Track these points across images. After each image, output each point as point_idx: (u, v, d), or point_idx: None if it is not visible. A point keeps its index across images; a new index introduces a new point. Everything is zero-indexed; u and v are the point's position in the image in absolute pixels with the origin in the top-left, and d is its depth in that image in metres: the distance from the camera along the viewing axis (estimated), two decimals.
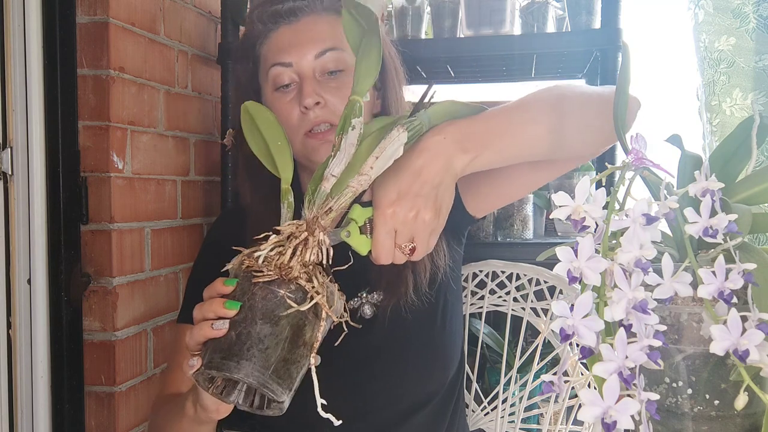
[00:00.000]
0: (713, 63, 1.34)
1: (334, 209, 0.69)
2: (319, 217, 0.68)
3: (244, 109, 0.78)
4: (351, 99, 0.73)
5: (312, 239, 0.67)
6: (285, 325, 0.64)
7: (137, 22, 1.34)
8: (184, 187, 1.52)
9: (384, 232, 0.70)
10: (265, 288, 0.65)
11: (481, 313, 1.29)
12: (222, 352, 0.64)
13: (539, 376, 1.15)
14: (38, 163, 1.21)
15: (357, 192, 0.70)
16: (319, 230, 0.68)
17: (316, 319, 0.66)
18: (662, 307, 0.50)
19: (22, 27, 1.19)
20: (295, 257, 0.66)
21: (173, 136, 1.47)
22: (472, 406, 1.27)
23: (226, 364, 0.62)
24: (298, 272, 0.65)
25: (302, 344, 0.65)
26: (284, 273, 0.65)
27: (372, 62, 0.74)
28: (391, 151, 0.70)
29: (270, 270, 0.65)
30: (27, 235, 1.21)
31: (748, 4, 1.31)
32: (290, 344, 0.64)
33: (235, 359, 0.62)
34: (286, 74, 0.95)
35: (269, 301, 0.65)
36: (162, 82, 1.43)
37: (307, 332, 0.66)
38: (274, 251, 0.67)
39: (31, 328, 1.21)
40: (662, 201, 0.49)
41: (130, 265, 1.33)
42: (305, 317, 0.65)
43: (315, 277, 0.67)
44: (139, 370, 1.36)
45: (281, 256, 0.66)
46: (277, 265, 0.66)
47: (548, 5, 1.51)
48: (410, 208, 0.70)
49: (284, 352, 0.63)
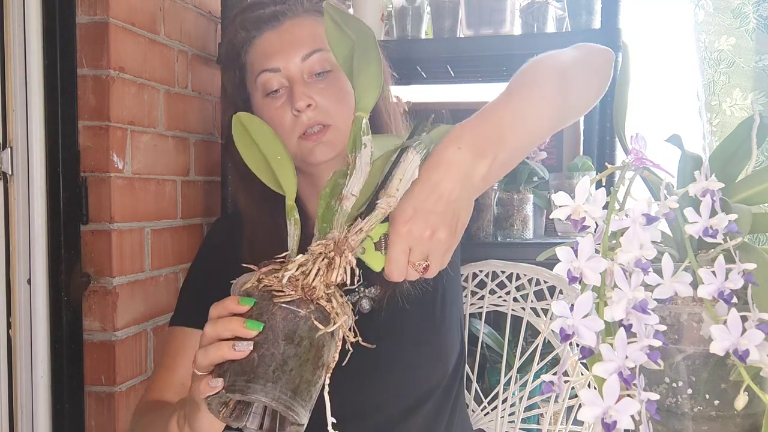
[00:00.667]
0: (713, 63, 1.34)
1: (364, 230, 0.68)
2: (349, 237, 0.67)
3: (236, 120, 0.76)
4: (356, 116, 0.71)
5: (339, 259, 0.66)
6: (308, 347, 0.63)
7: (137, 22, 1.34)
8: (184, 187, 1.52)
9: (398, 249, 0.68)
10: (286, 308, 0.63)
11: (481, 313, 1.29)
12: (246, 374, 0.61)
13: (539, 376, 1.15)
14: (38, 163, 1.21)
15: (386, 213, 0.68)
16: (348, 251, 0.66)
17: (332, 339, 0.66)
18: (662, 307, 0.50)
19: (22, 27, 1.19)
20: (318, 277, 0.65)
21: (173, 136, 1.47)
22: (472, 406, 1.27)
23: (252, 387, 0.60)
24: (321, 292, 0.64)
25: (322, 365, 0.64)
26: (308, 293, 0.64)
27: (373, 75, 0.72)
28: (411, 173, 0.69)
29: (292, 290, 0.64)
30: (27, 235, 1.21)
31: (748, 4, 1.31)
32: (312, 365, 0.63)
33: (261, 382, 0.60)
34: (275, 80, 0.95)
35: (290, 322, 0.63)
36: (162, 82, 1.43)
37: (326, 353, 0.65)
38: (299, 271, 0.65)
39: (31, 328, 1.21)
40: (662, 201, 0.49)
41: (130, 265, 1.33)
42: (325, 338, 0.64)
43: (335, 297, 0.66)
44: (139, 370, 1.36)
45: (306, 276, 0.65)
46: (303, 285, 0.64)
47: (548, 5, 1.51)
48: (426, 226, 0.68)
49: (307, 374, 0.62)
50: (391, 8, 1.61)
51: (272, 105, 0.96)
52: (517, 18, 1.53)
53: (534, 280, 1.24)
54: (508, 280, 1.27)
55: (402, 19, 1.60)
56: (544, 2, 1.50)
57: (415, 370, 0.98)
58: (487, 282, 1.28)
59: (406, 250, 0.68)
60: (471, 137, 0.70)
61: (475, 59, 1.64)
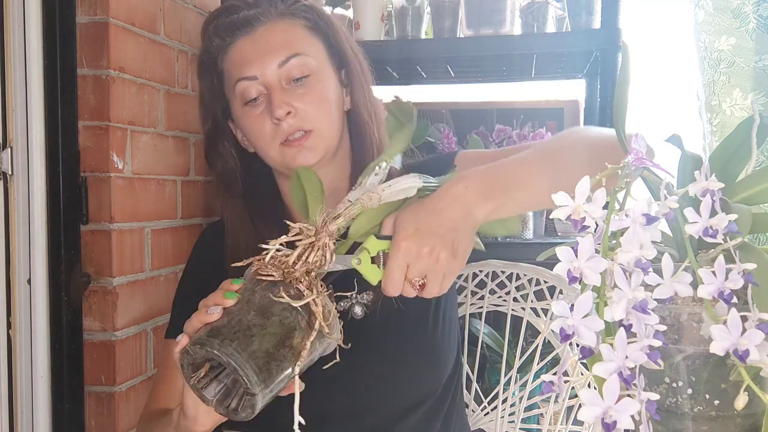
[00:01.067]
0: (713, 63, 1.34)
1: (342, 216, 0.72)
2: (328, 221, 0.71)
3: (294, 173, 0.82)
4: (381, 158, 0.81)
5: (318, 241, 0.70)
6: (276, 322, 0.67)
7: (137, 22, 1.34)
8: (184, 187, 1.52)
9: (396, 264, 0.71)
10: (267, 287, 0.68)
11: (481, 313, 1.29)
12: (210, 332, 0.67)
13: (539, 376, 1.15)
14: (38, 163, 1.21)
15: (365, 206, 0.73)
16: (325, 234, 0.70)
17: (308, 328, 0.68)
18: (662, 307, 0.50)
19: (22, 27, 1.19)
20: (300, 261, 0.69)
21: (173, 136, 1.47)
22: (472, 406, 1.27)
23: (210, 341, 0.65)
24: (300, 274, 0.68)
25: (288, 346, 0.67)
26: (287, 273, 0.68)
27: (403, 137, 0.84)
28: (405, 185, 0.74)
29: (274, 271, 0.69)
30: (27, 235, 1.21)
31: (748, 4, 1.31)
32: (276, 340, 0.67)
33: (220, 338, 0.66)
34: (253, 87, 0.94)
35: (266, 299, 0.68)
36: (162, 82, 1.43)
37: (296, 337, 0.68)
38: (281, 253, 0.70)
39: (31, 328, 1.21)
40: (662, 201, 0.49)
41: (130, 265, 1.33)
42: (297, 322, 0.68)
43: (315, 287, 0.69)
44: (139, 370, 1.36)
45: (287, 257, 0.69)
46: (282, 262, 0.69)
47: (548, 5, 1.51)
48: (425, 244, 0.70)
49: (268, 345, 0.66)
50: (391, 8, 1.61)
51: (252, 113, 0.95)
52: (517, 18, 1.54)
53: (534, 280, 1.24)
54: (508, 280, 1.27)
55: (402, 19, 1.60)
56: (544, 2, 1.50)
57: (407, 376, 0.98)
58: (487, 282, 1.28)
59: (404, 265, 0.71)
60: (480, 181, 0.74)
61: (475, 59, 1.64)
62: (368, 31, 1.56)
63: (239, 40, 0.95)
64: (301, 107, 0.93)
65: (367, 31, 1.56)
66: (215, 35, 0.97)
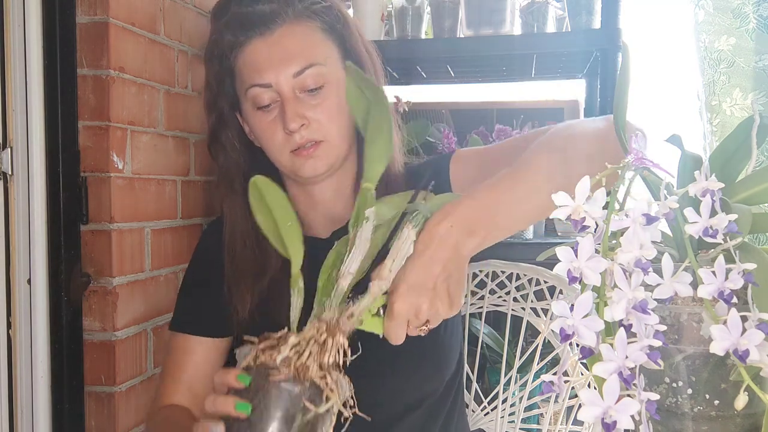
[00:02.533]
0: (713, 63, 1.34)
1: (356, 314, 0.69)
2: (341, 321, 0.68)
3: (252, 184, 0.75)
4: (363, 187, 0.73)
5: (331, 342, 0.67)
6: (300, 425, 0.64)
7: (137, 22, 1.34)
8: (184, 187, 1.52)
9: (395, 324, 0.70)
10: (280, 387, 0.65)
11: (481, 313, 1.29)
12: None
13: (539, 376, 1.15)
14: (38, 163, 1.21)
15: (377, 296, 0.70)
16: (340, 334, 0.67)
17: (327, 414, 0.67)
18: (662, 307, 0.50)
19: (22, 27, 1.19)
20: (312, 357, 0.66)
21: (173, 136, 1.47)
22: (472, 406, 1.27)
23: None
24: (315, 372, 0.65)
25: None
26: (301, 372, 0.65)
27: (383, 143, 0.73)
28: (405, 251, 0.71)
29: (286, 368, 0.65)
30: (27, 235, 1.21)
31: (748, 4, 1.31)
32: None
33: None
34: (266, 95, 0.92)
35: (284, 401, 0.64)
36: (162, 82, 1.43)
37: (319, 428, 0.66)
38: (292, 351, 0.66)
39: (31, 328, 1.21)
40: (662, 201, 0.49)
41: (130, 265, 1.33)
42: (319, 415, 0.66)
43: (329, 374, 0.66)
44: (139, 370, 1.36)
45: (300, 356, 0.66)
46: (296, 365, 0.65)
47: (548, 5, 1.51)
48: (422, 302, 0.69)
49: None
50: (391, 8, 1.61)
51: (264, 119, 0.93)
52: (517, 18, 1.54)
53: (534, 280, 1.24)
54: (508, 280, 1.27)
55: (402, 19, 1.60)
56: (544, 2, 1.50)
57: (411, 375, 0.97)
58: (487, 282, 1.28)
59: (403, 323, 0.70)
60: (464, 215, 0.72)
61: (475, 59, 1.64)
62: (368, 31, 1.56)
63: (253, 41, 0.92)
64: (314, 118, 0.91)
65: (367, 31, 1.56)
66: (227, 30, 0.93)
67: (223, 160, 1.00)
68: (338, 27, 0.96)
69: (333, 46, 0.96)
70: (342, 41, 0.97)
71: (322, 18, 0.95)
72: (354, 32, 0.98)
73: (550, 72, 1.84)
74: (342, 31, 0.97)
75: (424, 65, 1.72)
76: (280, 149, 0.93)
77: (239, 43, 0.93)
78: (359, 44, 0.99)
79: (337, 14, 0.96)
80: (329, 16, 0.96)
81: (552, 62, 1.69)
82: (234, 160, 1.00)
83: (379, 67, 1.02)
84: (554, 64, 1.71)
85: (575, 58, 1.61)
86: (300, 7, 0.93)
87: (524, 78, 1.93)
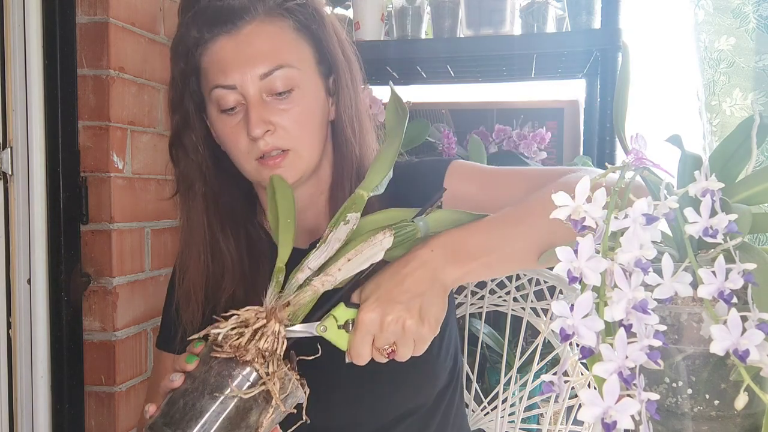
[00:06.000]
0: (713, 63, 1.34)
1: (291, 304, 0.70)
2: (277, 309, 0.69)
3: (270, 182, 0.79)
4: (357, 193, 0.74)
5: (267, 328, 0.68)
6: (229, 404, 0.66)
7: (137, 22, 1.34)
8: None
9: (359, 336, 0.68)
10: (223, 364, 0.67)
11: (481, 313, 1.29)
12: (165, 417, 0.67)
13: (539, 376, 1.15)
14: (38, 163, 1.21)
15: (318, 292, 0.71)
16: (275, 321, 0.69)
17: (266, 404, 0.67)
18: (662, 307, 0.50)
19: (22, 27, 1.19)
20: (253, 341, 0.68)
21: None
22: (472, 406, 1.27)
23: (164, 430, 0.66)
24: (252, 356, 0.67)
25: (245, 426, 0.67)
26: (239, 354, 0.67)
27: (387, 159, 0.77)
28: (369, 254, 0.70)
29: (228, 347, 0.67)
30: (27, 235, 1.21)
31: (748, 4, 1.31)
32: (230, 424, 0.66)
33: (173, 427, 0.66)
34: (231, 97, 0.85)
35: (222, 378, 0.67)
36: (162, 82, 1.43)
37: (252, 416, 0.67)
38: (235, 331, 0.68)
39: (31, 328, 1.21)
40: (662, 201, 0.49)
41: (130, 265, 1.33)
42: (254, 400, 0.67)
43: (270, 363, 0.68)
44: (139, 370, 1.36)
45: (240, 337, 0.68)
46: (233, 345, 0.67)
47: (548, 5, 1.51)
48: (388, 313, 0.68)
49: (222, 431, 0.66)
50: (391, 8, 1.61)
51: (228, 122, 0.87)
52: (517, 18, 1.54)
53: (534, 280, 1.24)
54: (508, 280, 1.27)
55: (402, 19, 1.60)
56: (544, 2, 1.50)
57: (391, 394, 0.93)
58: (487, 282, 1.28)
59: (368, 338, 0.69)
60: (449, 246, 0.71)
61: (475, 59, 1.64)
62: (368, 31, 1.56)
63: (219, 39, 0.85)
64: (281, 124, 0.85)
65: (367, 31, 1.56)
66: (192, 25, 0.86)
67: (184, 165, 0.94)
68: (313, 27, 0.90)
69: (306, 47, 0.89)
70: (317, 42, 0.90)
71: (295, 17, 0.88)
72: (330, 33, 0.92)
73: (550, 72, 1.84)
74: (317, 32, 0.90)
75: (424, 65, 1.72)
76: (245, 156, 0.87)
77: (204, 40, 0.86)
78: (335, 46, 0.92)
79: (312, 13, 0.90)
80: (303, 14, 0.89)
81: (552, 62, 1.69)
82: (196, 163, 0.93)
83: (357, 71, 0.95)
84: (554, 64, 1.71)
85: (575, 58, 1.61)
86: (272, 3, 0.87)
87: (524, 78, 1.93)
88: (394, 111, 0.81)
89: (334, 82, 0.92)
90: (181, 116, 0.92)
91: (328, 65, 0.92)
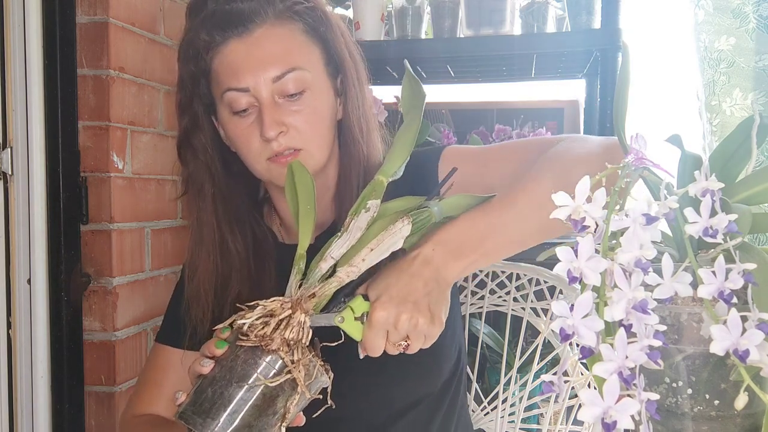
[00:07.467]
0: (713, 63, 1.34)
1: (317, 295, 0.72)
2: (303, 299, 0.71)
3: (289, 168, 0.80)
4: (376, 179, 0.76)
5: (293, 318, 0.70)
6: (256, 392, 0.67)
7: (137, 22, 1.34)
8: None
9: (374, 333, 0.71)
10: (249, 352, 0.68)
11: (481, 313, 1.29)
12: (195, 405, 0.68)
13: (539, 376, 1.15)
14: (38, 163, 1.21)
15: (343, 282, 0.73)
16: (300, 312, 0.70)
17: (292, 390, 0.69)
18: (662, 307, 0.50)
19: (22, 27, 1.19)
20: (278, 330, 0.69)
21: (173, 136, 1.47)
22: (472, 406, 1.27)
23: (194, 419, 0.67)
24: (278, 345, 0.68)
25: (272, 413, 0.68)
26: (264, 344, 0.68)
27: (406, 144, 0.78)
28: (390, 243, 0.73)
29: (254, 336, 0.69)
30: (27, 235, 1.21)
31: (748, 4, 1.31)
32: (259, 412, 0.67)
33: (203, 416, 0.67)
34: (243, 99, 0.87)
35: (249, 366, 0.68)
36: (162, 82, 1.43)
37: (279, 402, 0.68)
38: (260, 320, 0.70)
39: (31, 328, 1.21)
40: (662, 201, 0.49)
41: (130, 265, 1.33)
42: (280, 387, 0.68)
43: (296, 351, 0.69)
44: (139, 370, 1.36)
45: (265, 326, 0.69)
46: (259, 334, 0.69)
47: (548, 5, 1.51)
48: (402, 311, 0.71)
49: (250, 419, 0.67)
50: (391, 8, 1.61)
51: (240, 124, 0.89)
52: (517, 18, 1.54)
53: (534, 280, 1.24)
54: (508, 280, 1.27)
55: (402, 19, 1.60)
56: (544, 2, 1.50)
57: (400, 382, 0.95)
58: (487, 282, 1.28)
59: (383, 334, 0.72)
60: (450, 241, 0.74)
61: (475, 59, 1.64)
62: (368, 31, 1.56)
63: (231, 42, 0.87)
64: (293, 125, 0.87)
65: (367, 31, 1.56)
66: (202, 28, 0.88)
67: (193, 166, 0.95)
68: (321, 29, 0.91)
69: (315, 49, 0.91)
70: (325, 44, 0.92)
71: (304, 19, 0.90)
72: (337, 34, 0.94)
73: (550, 72, 1.84)
74: (325, 34, 0.92)
75: (424, 65, 1.72)
76: (257, 156, 0.89)
77: (216, 43, 0.87)
78: (342, 47, 0.94)
79: (320, 16, 0.91)
80: (312, 17, 0.91)
81: (552, 62, 1.69)
82: (205, 164, 0.94)
83: (362, 71, 0.97)
84: (554, 64, 1.71)
85: (575, 58, 1.61)
86: (281, 6, 0.88)
87: (524, 78, 1.93)
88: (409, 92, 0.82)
89: (341, 82, 0.95)
90: (191, 118, 0.94)
91: (336, 66, 0.94)
